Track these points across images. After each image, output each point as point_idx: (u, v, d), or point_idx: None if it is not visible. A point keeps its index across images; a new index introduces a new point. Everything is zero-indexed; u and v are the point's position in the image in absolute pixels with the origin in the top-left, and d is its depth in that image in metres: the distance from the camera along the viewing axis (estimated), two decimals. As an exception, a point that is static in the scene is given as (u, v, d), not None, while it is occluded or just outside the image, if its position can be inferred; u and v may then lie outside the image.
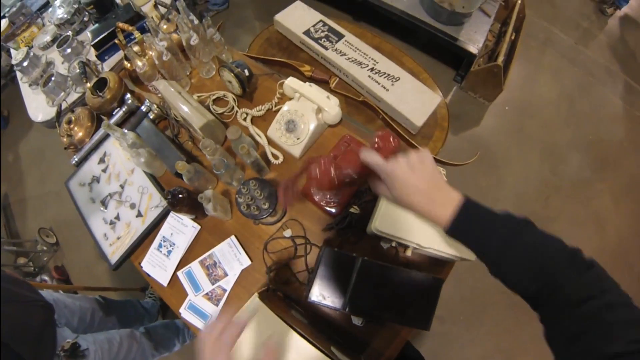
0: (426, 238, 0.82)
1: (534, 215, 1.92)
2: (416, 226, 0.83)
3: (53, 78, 1.38)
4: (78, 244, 2.25)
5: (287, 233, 0.97)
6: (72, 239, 2.30)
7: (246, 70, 1.04)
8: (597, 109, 2.29)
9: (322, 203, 0.94)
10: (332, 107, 0.95)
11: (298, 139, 0.98)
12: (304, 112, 0.98)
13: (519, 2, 2.22)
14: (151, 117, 1.17)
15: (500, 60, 1.99)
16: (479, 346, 1.76)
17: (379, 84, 1.48)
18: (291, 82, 1.00)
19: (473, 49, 2.08)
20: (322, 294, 0.80)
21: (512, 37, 2.16)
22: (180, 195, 0.87)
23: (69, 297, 1.35)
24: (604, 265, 0.48)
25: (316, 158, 0.75)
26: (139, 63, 1.17)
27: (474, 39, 2.10)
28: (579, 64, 2.44)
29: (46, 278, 2.10)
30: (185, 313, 1.00)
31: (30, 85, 1.53)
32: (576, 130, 2.21)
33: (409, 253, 0.91)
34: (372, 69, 1.51)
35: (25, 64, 1.48)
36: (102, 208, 1.17)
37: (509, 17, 2.25)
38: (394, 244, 0.89)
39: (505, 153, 2.16)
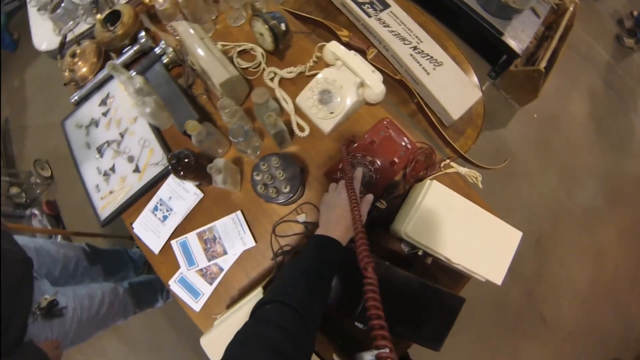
0: (458, 253, 0.74)
1: (540, 233, 1.89)
2: (449, 238, 0.74)
3: (63, 4, 1.22)
4: (73, 181, 2.11)
5: (301, 218, 0.85)
6: (67, 175, 2.18)
7: (283, 25, 0.89)
8: (624, 138, 2.18)
9: (346, 192, 0.82)
10: (376, 84, 0.81)
11: (331, 113, 0.84)
12: (344, 83, 0.84)
13: (571, 9, 2.04)
14: (164, 61, 1.02)
15: (542, 66, 1.84)
16: (460, 354, 1.72)
17: (420, 65, 1.33)
18: (334, 47, 0.85)
19: (517, 47, 1.93)
20: (334, 295, 0.69)
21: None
22: (187, 160, 0.74)
23: (53, 243, 1.25)
24: (593, 297, 0.40)
25: None
26: (160, -2, 1.01)
27: (519, 37, 1.94)
28: (615, 87, 2.29)
29: (36, 212, 2.01)
30: (174, 286, 0.91)
31: (38, 9, 1.37)
32: (598, 155, 2.11)
33: (428, 261, 0.81)
34: (415, 48, 1.35)
35: (34, -14, 1.32)
36: (97, 156, 1.05)
37: (556, 23, 2.08)
38: (420, 252, 0.77)
39: (526, 163, 2.06)
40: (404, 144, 0.85)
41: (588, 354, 1.75)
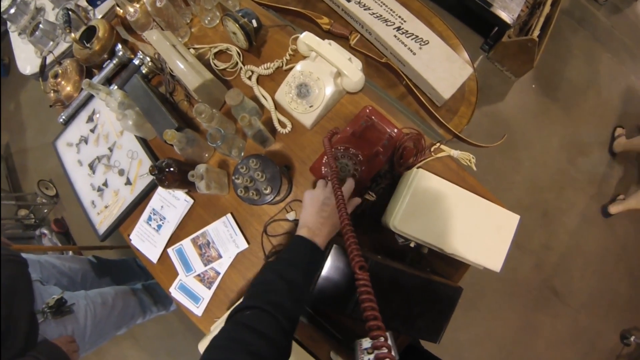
0: (451, 243, 0.72)
1: (547, 204, 1.86)
2: (440, 228, 0.72)
3: (41, 26, 1.21)
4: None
5: (291, 216, 0.85)
6: (72, 192, 2.22)
7: (254, 21, 0.87)
8: (625, 101, 2.09)
9: (334, 185, 0.80)
10: (354, 73, 0.79)
11: (311, 106, 0.82)
12: (320, 75, 0.82)
13: (561, -28, 1.95)
14: (144, 71, 1.02)
15: (535, 34, 1.78)
16: (472, 331, 1.74)
17: (405, 45, 1.29)
18: (307, 38, 0.82)
19: (507, 18, 1.86)
20: (324, 295, 0.69)
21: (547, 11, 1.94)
22: (169, 170, 0.74)
23: (58, 258, 1.29)
24: (604, 265, 0.37)
25: None
26: (130, 9, 1.01)
27: (509, 7, 1.87)
28: (612, 49, 2.20)
29: (45, 231, 2.06)
30: (175, 293, 0.92)
31: (19, 34, 1.37)
32: (600, 121, 2.04)
33: (425, 250, 0.80)
34: (398, 28, 1.32)
35: (12, 10, 1.31)
36: (89, 172, 1.06)
37: (546, -11, 2.00)
38: (412, 245, 0.76)
39: (526, 135, 2.01)
40: (388, 131, 0.83)
41: (604, 323, 1.73)
